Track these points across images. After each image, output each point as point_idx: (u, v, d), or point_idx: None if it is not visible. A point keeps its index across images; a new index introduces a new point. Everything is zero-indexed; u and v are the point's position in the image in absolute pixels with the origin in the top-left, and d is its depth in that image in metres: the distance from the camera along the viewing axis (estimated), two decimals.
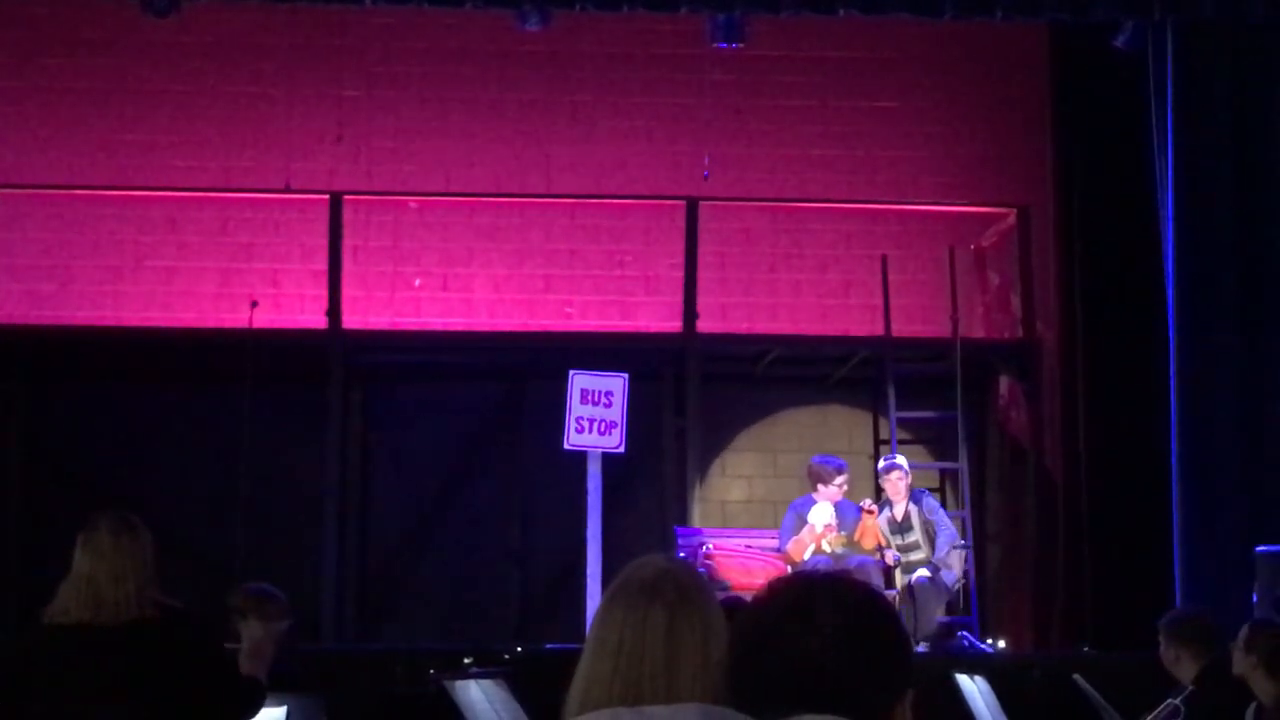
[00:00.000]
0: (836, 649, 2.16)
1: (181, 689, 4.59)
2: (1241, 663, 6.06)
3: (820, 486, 10.27)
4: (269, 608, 6.02)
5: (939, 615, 10.23)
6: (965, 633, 10.37)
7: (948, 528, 10.36)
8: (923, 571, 10.14)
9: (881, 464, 10.69)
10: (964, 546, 10.59)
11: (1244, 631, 6.15)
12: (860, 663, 2.16)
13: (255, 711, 5.05)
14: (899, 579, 10.23)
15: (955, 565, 10.38)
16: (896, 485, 10.38)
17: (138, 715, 4.53)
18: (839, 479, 10.27)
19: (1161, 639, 6.57)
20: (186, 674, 4.60)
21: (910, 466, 10.56)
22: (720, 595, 2.96)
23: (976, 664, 8.42)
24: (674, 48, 12.27)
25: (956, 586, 10.47)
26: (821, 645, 2.15)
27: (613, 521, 9.36)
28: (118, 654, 4.53)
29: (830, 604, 2.20)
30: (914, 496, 10.44)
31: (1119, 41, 10.42)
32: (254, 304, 11.24)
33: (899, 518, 10.38)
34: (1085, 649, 10.34)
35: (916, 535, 10.34)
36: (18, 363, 11.70)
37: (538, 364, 11.70)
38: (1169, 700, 6.59)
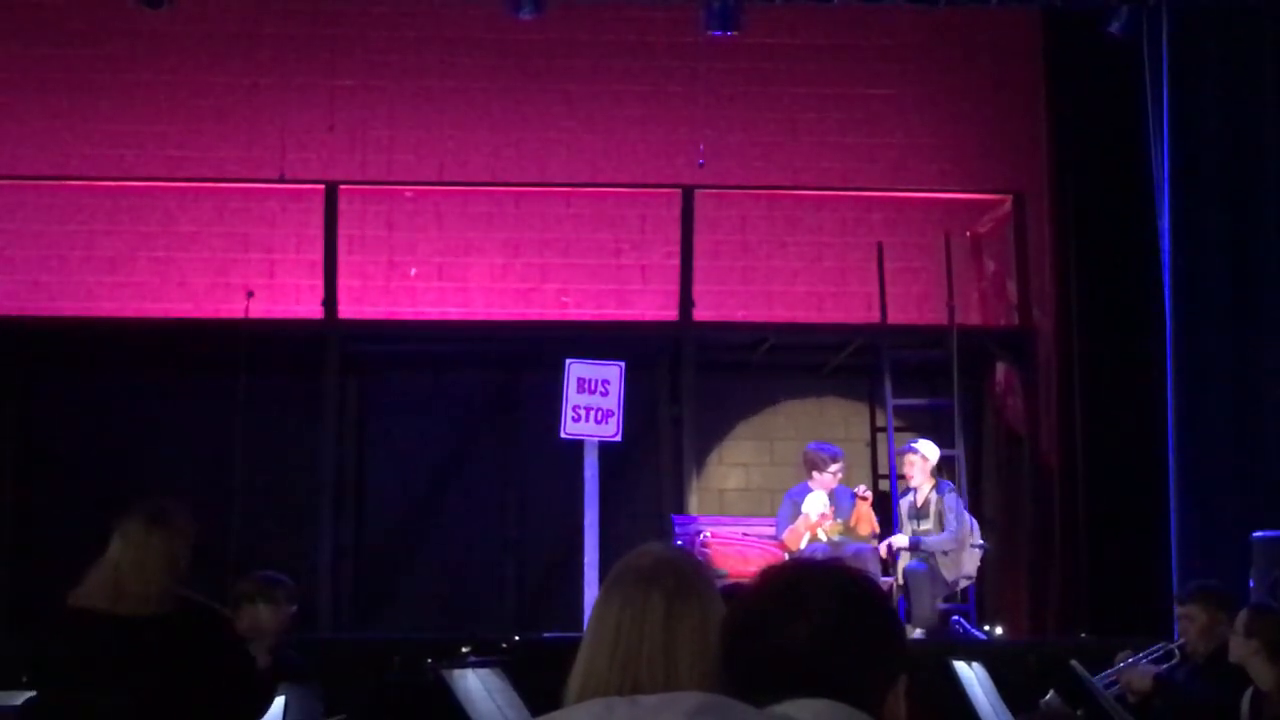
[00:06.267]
0: (828, 635, 2.17)
1: (192, 685, 4.58)
2: (1241, 648, 6.01)
3: (815, 474, 10.26)
4: (278, 592, 6.10)
5: (938, 603, 10.22)
6: (959, 618, 10.36)
7: (954, 527, 10.24)
8: (908, 557, 10.15)
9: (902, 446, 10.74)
10: (981, 547, 10.49)
11: (1243, 616, 6.10)
12: (852, 649, 2.17)
13: (266, 708, 5.07)
14: (899, 565, 10.22)
15: (965, 564, 10.29)
16: (909, 469, 10.39)
17: (144, 706, 4.52)
18: (834, 466, 10.26)
19: (1198, 607, 6.63)
20: (199, 670, 4.58)
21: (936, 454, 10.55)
22: (720, 583, 2.96)
23: (974, 651, 8.41)
24: (669, 36, 12.24)
25: (959, 584, 10.39)
26: (813, 632, 2.17)
27: (610, 510, 9.36)
28: (132, 645, 4.52)
29: (821, 591, 2.21)
30: (940, 487, 10.42)
31: (1113, 28, 10.43)
32: (250, 294, 11.22)
33: (919, 503, 10.38)
34: (1082, 635, 10.34)
35: (930, 524, 10.31)
36: (12, 353, 11.67)
37: (534, 353, 11.69)
38: (1162, 644, 6.68)
